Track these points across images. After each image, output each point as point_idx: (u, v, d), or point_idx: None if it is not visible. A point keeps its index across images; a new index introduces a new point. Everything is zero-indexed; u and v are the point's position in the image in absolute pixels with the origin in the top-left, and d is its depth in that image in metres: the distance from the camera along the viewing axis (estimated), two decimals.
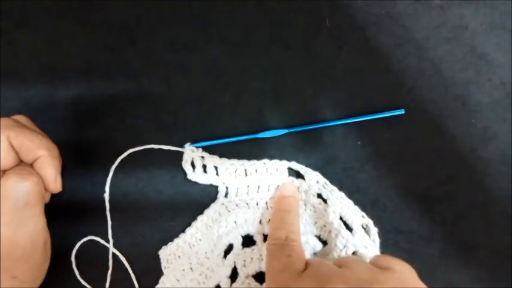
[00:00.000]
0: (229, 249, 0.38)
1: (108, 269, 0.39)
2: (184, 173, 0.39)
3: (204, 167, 0.39)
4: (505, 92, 0.39)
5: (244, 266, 0.37)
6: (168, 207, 0.39)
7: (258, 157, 0.39)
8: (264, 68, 0.40)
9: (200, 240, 0.38)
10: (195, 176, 0.39)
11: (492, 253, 0.38)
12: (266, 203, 0.39)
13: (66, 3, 0.41)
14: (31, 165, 0.34)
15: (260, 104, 0.40)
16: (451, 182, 0.39)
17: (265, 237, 0.38)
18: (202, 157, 0.39)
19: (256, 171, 0.39)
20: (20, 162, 0.34)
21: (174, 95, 0.40)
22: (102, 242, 0.39)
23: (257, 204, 0.39)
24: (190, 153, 0.39)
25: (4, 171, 0.34)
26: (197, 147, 0.39)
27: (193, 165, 0.39)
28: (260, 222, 0.39)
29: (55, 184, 0.35)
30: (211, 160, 0.39)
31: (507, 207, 0.39)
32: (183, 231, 0.39)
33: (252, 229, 0.38)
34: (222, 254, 0.38)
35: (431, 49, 0.40)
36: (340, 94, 0.40)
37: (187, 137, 0.39)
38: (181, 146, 0.39)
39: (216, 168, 0.39)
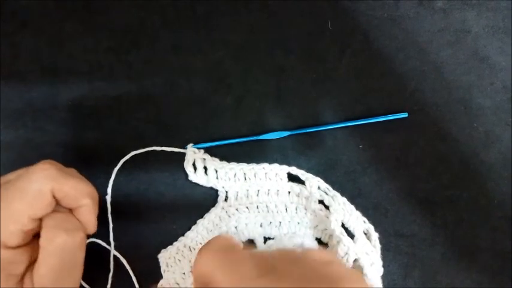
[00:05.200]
0: None
1: (109, 271, 0.39)
2: (186, 175, 0.39)
3: (206, 169, 0.39)
4: (507, 96, 0.39)
5: None
6: (169, 210, 0.39)
7: (260, 159, 0.39)
8: (266, 70, 0.40)
9: (201, 243, 0.38)
10: (196, 177, 0.39)
11: (493, 257, 0.38)
12: (266, 206, 0.39)
13: (69, 5, 0.41)
14: (70, 209, 0.34)
15: (262, 106, 0.40)
16: (453, 186, 0.39)
17: (265, 240, 0.39)
18: (204, 159, 0.39)
19: (255, 175, 0.39)
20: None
21: (177, 97, 0.40)
22: (104, 244, 0.39)
23: (257, 208, 0.39)
24: (192, 154, 0.39)
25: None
26: (199, 148, 0.39)
27: (194, 167, 0.39)
28: (261, 225, 0.39)
29: (94, 228, 0.35)
30: (212, 163, 0.39)
31: (509, 211, 0.39)
32: (184, 234, 0.39)
33: (252, 233, 0.38)
34: None
35: (433, 53, 0.40)
36: (342, 97, 0.40)
37: (189, 139, 0.39)
38: (184, 147, 0.39)
39: (216, 171, 0.39)
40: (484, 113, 0.39)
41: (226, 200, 0.39)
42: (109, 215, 0.39)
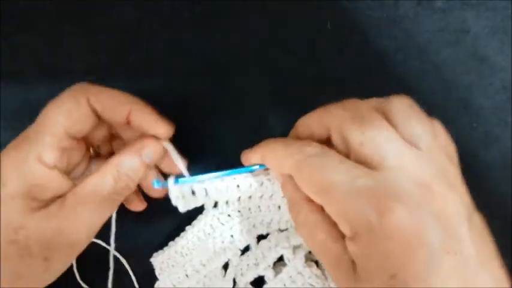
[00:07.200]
0: (227, 262, 0.38)
1: (108, 271, 0.38)
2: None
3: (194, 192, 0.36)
4: (506, 96, 0.39)
5: (241, 275, 0.37)
6: (169, 210, 0.39)
7: None
8: (264, 71, 0.40)
9: (193, 249, 0.38)
10: (186, 207, 0.36)
11: None
12: (259, 207, 0.37)
13: (68, 6, 0.41)
14: (126, 125, 0.33)
15: (261, 107, 0.40)
16: None
17: (258, 240, 0.38)
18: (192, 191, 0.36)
19: (250, 186, 0.36)
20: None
21: (175, 98, 0.40)
22: (103, 244, 0.39)
23: (249, 210, 0.37)
24: (177, 191, 0.35)
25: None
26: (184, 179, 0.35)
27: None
28: (254, 226, 0.38)
29: (163, 127, 0.33)
30: (200, 187, 0.35)
31: (508, 211, 0.39)
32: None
33: (248, 238, 0.37)
34: (220, 267, 0.37)
35: (433, 53, 0.40)
36: (341, 97, 0.40)
37: (188, 139, 0.39)
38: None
39: (205, 190, 0.36)
40: (484, 113, 0.39)
41: (215, 206, 0.37)
42: (113, 216, 0.38)
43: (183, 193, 0.35)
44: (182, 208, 0.35)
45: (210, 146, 0.39)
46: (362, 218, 0.24)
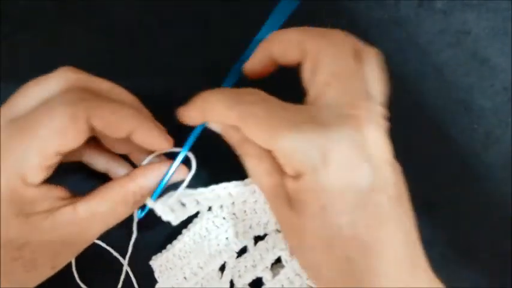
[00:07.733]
0: (224, 263, 0.38)
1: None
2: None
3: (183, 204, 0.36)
4: (507, 97, 0.39)
5: (239, 276, 0.37)
6: None
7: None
8: None
9: (190, 252, 0.38)
10: (179, 219, 0.36)
11: (493, 257, 0.39)
12: (254, 209, 0.37)
13: (68, 6, 0.41)
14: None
15: None
16: (452, 187, 0.39)
17: (255, 241, 0.38)
18: (182, 203, 0.36)
19: (242, 195, 0.36)
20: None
21: (176, 98, 0.40)
22: (103, 245, 0.39)
23: (245, 212, 0.37)
24: (164, 206, 0.34)
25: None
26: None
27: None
28: (250, 227, 0.37)
29: (166, 141, 0.33)
30: (190, 199, 0.36)
31: (509, 211, 0.39)
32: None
33: (244, 239, 0.37)
34: (217, 269, 0.38)
35: (433, 54, 0.40)
36: None
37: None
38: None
39: (197, 201, 0.36)
40: (484, 114, 0.39)
41: (210, 209, 0.37)
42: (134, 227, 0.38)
43: (171, 207, 0.35)
44: (175, 221, 0.35)
45: (209, 146, 0.39)
46: (307, 160, 0.26)
